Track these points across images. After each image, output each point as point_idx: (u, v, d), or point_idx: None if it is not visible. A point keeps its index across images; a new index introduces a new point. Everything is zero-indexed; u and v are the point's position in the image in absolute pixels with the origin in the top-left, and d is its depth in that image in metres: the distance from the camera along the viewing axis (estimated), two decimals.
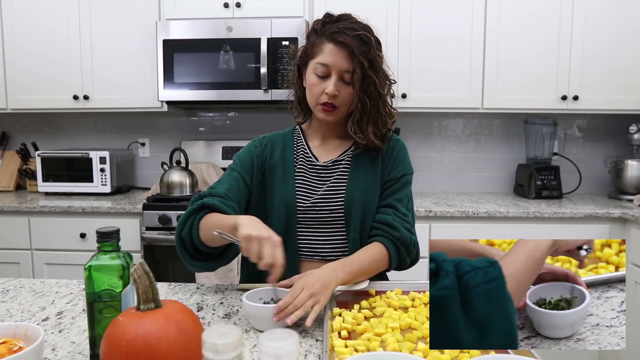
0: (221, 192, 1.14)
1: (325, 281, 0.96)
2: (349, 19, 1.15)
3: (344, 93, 1.15)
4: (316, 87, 1.15)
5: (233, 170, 1.21)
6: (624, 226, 2.17)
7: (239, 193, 1.17)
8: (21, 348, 0.71)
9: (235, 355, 0.48)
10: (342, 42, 1.11)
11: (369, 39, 1.12)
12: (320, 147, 1.26)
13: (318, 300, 0.92)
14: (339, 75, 1.13)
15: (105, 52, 2.53)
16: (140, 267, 0.66)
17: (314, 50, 1.16)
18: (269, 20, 2.36)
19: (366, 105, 1.15)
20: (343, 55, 1.12)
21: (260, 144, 1.27)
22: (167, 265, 2.26)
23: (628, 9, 2.37)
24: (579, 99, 2.42)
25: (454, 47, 2.43)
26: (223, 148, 2.76)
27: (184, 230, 1.10)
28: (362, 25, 1.15)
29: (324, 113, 1.17)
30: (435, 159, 2.84)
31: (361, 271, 1.08)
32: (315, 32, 1.17)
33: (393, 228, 1.16)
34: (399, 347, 0.79)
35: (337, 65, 1.12)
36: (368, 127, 1.17)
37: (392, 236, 1.15)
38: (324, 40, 1.14)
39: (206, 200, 1.10)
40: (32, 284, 1.18)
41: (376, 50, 1.14)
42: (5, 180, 2.79)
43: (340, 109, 1.16)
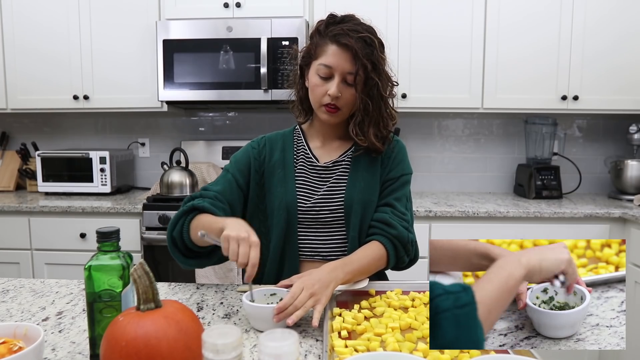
0: (211, 194, 1.16)
1: (325, 281, 0.97)
2: (352, 20, 1.15)
3: (347, 95, 1.15)
4: (319, 89, 1.15)
5: (227, 172, 1.22)
6: (624, 226, 2.17)
7: (230, 195, 1.19)
8: (21, 348, 0.71)
9: (235, 355, 0.48)
10: (345, 44, 1.11)
11: (373, 41, 1.12)
12: (320, 148, 1.26)
13: (318, 300, 0.93)
14: (342, 77, 1.13)
15: (106, 52, 2.53)
16: (140, 267, 0.66)
17: (317, 51, 1.16)
18: (269, 20, 2.36)
19: (368, 107, 1.15)
20: (346, 57, 1.11)
21: (258, 144, 1.27)
22: (167, 265, 2.26)
23: (628, 9, 2.37)
24: (578, 98, 2.42)
25: (454, 46, 2.43)
26: (223, 148, 2.76)
27: (175, 230, 1.13)
28: (365, 27, 1.14)
29: (327, 114, 1.17)
30: (435, 159, 2.84)
31: (360, 270, 1.09)
32: (319, 32, 1.17)
33: (390, 226, 1.16)
34: (399, 347, 0.79)
35: (340, 67, 1.12)
36: (370, 129, 1.17)
37: (390, 234, 1.15)
38: (328, 41, 1.14)
39: (196, 202, 1.13)
40: (32, 284, 1.18)
41: (379, 52, 1.14)
42: (5, 180, 2.79)
43: (342, 110, 1.16)
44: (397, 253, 1.16)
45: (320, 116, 1.19)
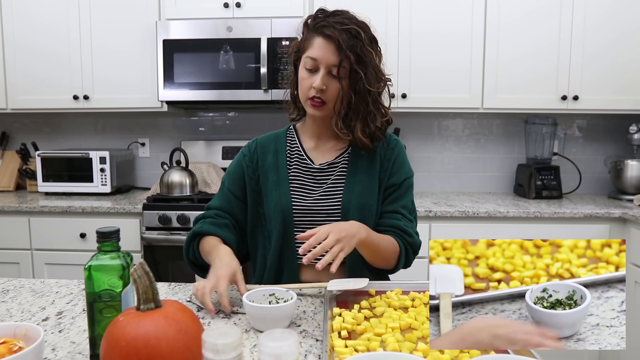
0: (212, 212, 1.24)
1: (351, 232, 1.00)
2: (342, 14, 1.14)
3: (332, 88, 1.13)
4: (305, 82, 1.15)
5: (223, 185, 1.27)
6: (624, 226, 2.17)
7: (229, 207, 1.24)
8: (21, 348, 0.71)
9: (235, 355, 0.48)
10: (329, 36, 1.10)
11: (359, 34, 1.10)
12: (314, 149, 1.25)
13: (343, 247, 0.96)
14: (327, 69, 1.12)
15: (106, 52, 2.53)
16: (140, 267, 0.66)
17: (305, 45, 1.16)
18: (269, 20, 2.36)
19: (351, 100, 1.14)
20: (331, 49, 1.11)
21: (249, 150, 1.27)
22: (167, 265, 2.26)
23: (628, 8, 2.37)
24: (578, 98, 2.42)
25: (453, 45, 2.43)
26: (223, 148, 2.76)
27: (190, 254, 1.22)
28: (355, 21, 1.13)
29: (313, 108, 1.16)
30: (435, 159, 2.84)
31: (378, 245, 1.11)
32: (307, 26, 1.17)
33: (407, 234, 1.18)
34: (399, 347, 0.79)
35: (325, 59, 1.11)
36: (356, 125, 1.16)
37: (406, 241, 1.18)
38: (314, 34, 1.13)
39: (196, 229, 1.21)
40: (32, 284, 1.18)
41: (366, 45, 1.11)
42: (5, 180, 2.79)
43: (328, 104, 1.15)
44: (407, 258, 1.19)
45: (308, 110, 1.18)
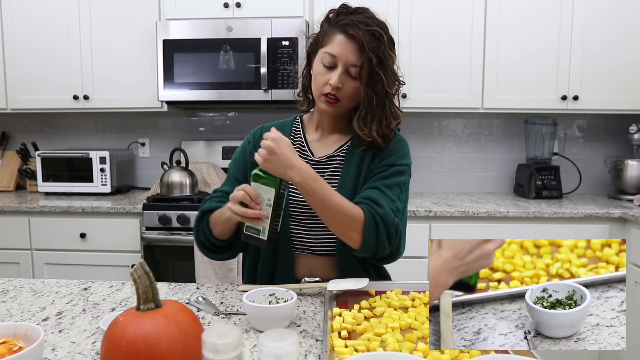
0: (219, 194, 1.23)
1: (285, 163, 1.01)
2: (365, 12, 1.14)
3: (348, 87, 1.13)
4: (321, 77, 1.14)
5: (229, 172, 1.29)
6: (624, 226, 2.17)
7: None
8: (21, 348, 0.71)
9: (235, 355, 0.48)
10: (352, 35, 1.10)
11: (381, 36, 1.11)
12: (318, 141, 1.25)
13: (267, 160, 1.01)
14: (345, 68, 1.12)
15: (106, 52, 2.53)
16: (140, 267, 0.66)
17: (324, 39, 1.15)
18: (269, 20, 2.36)
19: (372, 101, 1.13)
20: (352, 48, 1.10)
21: (254, 136, 1.30)
22: (167, 265, 2.26)
23: (628, 8, 2.37)
24: (578, 98, 2.42)
25: (453, 45, 2.43)
26: (223, 148, 2.76)
27: (200, 235, 1.20)
28: (376, 22, 1.13)
29: (326, 104, 1.15)
30: (435, 159, 2.84)
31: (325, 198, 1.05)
32: (328, 21, 1.16)
33: (377, 204, 1.08)
34: (399, 347, 0.79)
35: (345, 57, 1.11)
36: (372, 125, 1.15)
37: (374, 211, 1.07)
38: (335, 30, 1.13)
39: (204, 206, 1.21)
40: (32, 284, 1.18)
41: (387, 48, 1.12)
42: (5, 180, 2.79)
43: (342, 102, 1.15)
44: (377, 234, 1.06)
45: (320, 105, 1.18)
